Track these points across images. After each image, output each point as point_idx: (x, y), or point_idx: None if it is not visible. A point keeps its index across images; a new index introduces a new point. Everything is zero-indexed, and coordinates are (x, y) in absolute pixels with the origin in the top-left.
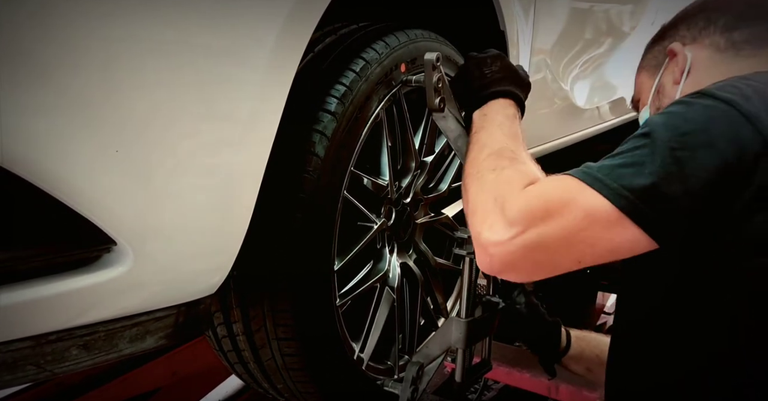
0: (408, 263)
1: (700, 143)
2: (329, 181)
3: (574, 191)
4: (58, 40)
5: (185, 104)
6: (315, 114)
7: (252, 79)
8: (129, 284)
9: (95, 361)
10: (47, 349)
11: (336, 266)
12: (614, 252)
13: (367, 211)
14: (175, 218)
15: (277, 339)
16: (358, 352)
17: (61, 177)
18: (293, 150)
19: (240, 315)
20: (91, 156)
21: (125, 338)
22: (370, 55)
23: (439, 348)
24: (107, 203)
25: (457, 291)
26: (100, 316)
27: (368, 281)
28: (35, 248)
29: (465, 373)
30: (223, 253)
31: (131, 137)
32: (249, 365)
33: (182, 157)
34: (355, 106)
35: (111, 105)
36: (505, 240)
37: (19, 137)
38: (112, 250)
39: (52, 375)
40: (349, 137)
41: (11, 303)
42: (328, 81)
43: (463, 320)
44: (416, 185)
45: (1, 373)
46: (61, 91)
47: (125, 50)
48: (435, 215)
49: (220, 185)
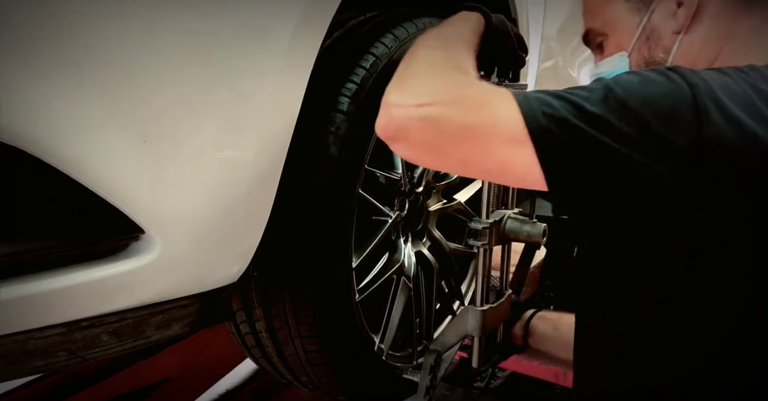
0: (423, 250)
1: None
2: (345, 179)
3: (498, 97)
4: (88, 28)
5: (213, 93)
6: (328, 114)
7: (274, 67)
8: (156, 272)
9: (124, 347)
10: (78, 335)
11: (354, 263)
12: (503, 173)
13: (382, 206)
14: (200, 207)
15: (300, 337)
16: (378, 343)
17: (91, 167)
18: (309, 148)
19: (262, 314)
20: (120, 146)
21: (152, 325)
22: (380, 51)
23: (455, 337)
24: (136, 193)
25: (470, 278)
26: (129, 303)
27: (385, 274)
28: (67, 238)
29: (482, 359)
30: (245, 241)
31: (159, 126)
32: (273, 359)
33: (208, 146)
34: (367, 103)
35: (139, 94)
36: (409, 105)
37: (48, 126)
38: (140, 239)
39: (83, 360)
40: (361, 135)
41: (46, 290)
42: (340, 79)
43: (478, 308)
44: (428, 173)
45: (35, 359)
46: (89, 81)
47: (153, 40)
48: (447, 201)
49: (244, 173)
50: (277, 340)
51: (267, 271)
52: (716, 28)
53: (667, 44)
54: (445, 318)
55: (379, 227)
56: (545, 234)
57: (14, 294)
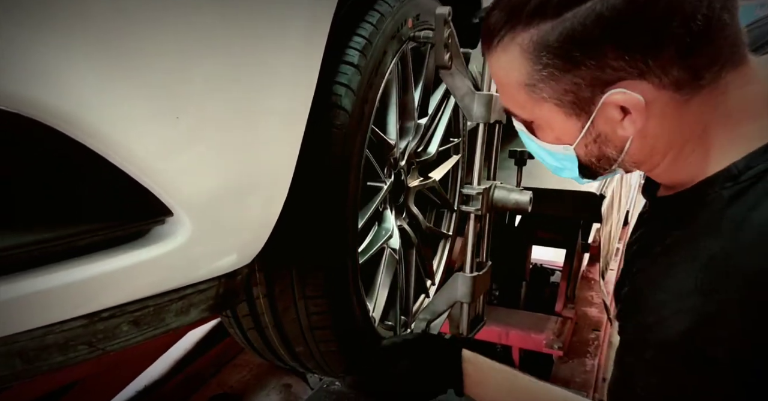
0: (404, 225)
1: None
2: (355, 135)
3: None
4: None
5: (241, 71)
6: (338, 67)
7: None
8: (184, 255)
9: (145, 336)
10: (99, 327)
11: (360, 222)
12: None
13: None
14: (226, 186)
15: (305, 298)
16: (372, 312)
17: (122, 144)
18: (321, 104)
19: (263, 279)
20: (152, 123)
21: (172, 312)
22: (383, 8)
23: (445, 304)
24: (168, 172)
25: (438, 257)
26: (152, 290)
27: (378, 242)
28: (91, 224)
29: (470, 326)
30: (265, 220)
31: (192, 102)
32: (267, 330)
33: (239, 123)
34: (375, 59)
35: (171, 68)
36: None
37: (78, 100)
38: (166, 222)
39: (103, 353)
40: (370, 91)
41: (73, 281)
42: (347, 34)
43: (468, 275)
44: (410, 147)
45: (53, 354)
46: (123, 58)
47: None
48: (424, 179)
49: (266, 150)
50: (276, 306)
51: None
52: (666, 124)
53: (618, 144)
54: (419, 296)
55: (375, 193)
56: (532, 202)
57: (39, 287)
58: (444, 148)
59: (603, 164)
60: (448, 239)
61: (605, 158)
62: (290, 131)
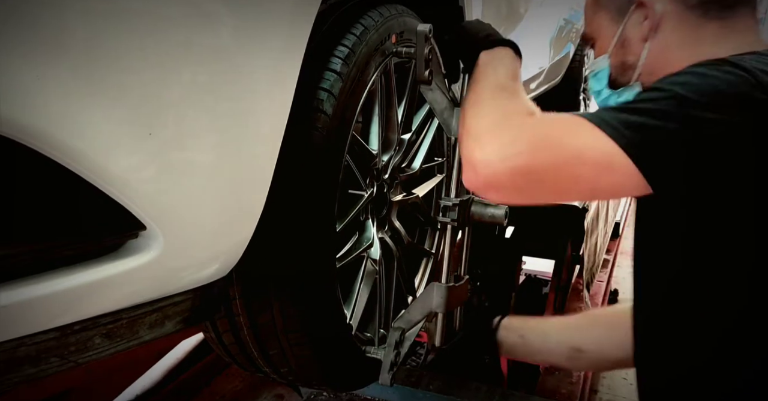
0: (386, 238)
1: (711, 99)
2: (335, 141)
3: (576, 127)
4: (96, 21)
5: (218, 84)
6: (321, 73)
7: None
8: (157, 268)
9: (117, 349)
10: (71, 339)
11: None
12: (595, 191)
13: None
14: (201, 199)
15: (280, 301)
16: (349, 319)
17: (95, 160)
18: (302, 108)
19: (237, 279)
20: (126, 138)
21: (146, 324)
22: (367, 22)
23: (420, 313)
24: (141, 187)
25: (420, 274)
26: (126, 303)
27: (357, 250)
28: (67, 238)
29: (445, 337)
30: (241, 232)
31: (165, 118)
32: (241, 332)
33: (213, 136)
34: (358, 68)
35: (144, 87)
36: (495, 161)
37: (51, 118)
38: (140, 235)
39: (76, 365)
40: (351, 98)
41: (46, 293)
42: (332, 43)
43: (444, 285)
44: (394, 162)
45: (25, 367)
46: (95, 72)
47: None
48: (407, 194)
49: (242, 161)
50: (252, 308)
51: None
52: (679, 37)
53: (637, 50)
54: (400, 311)
55: (356, 201)
56: (507, 216)
57: (14, 299)
58: (428, 166)
59: (626, 71)
60: (431, 257)
61: (627, 65)
62: (267, 145)
